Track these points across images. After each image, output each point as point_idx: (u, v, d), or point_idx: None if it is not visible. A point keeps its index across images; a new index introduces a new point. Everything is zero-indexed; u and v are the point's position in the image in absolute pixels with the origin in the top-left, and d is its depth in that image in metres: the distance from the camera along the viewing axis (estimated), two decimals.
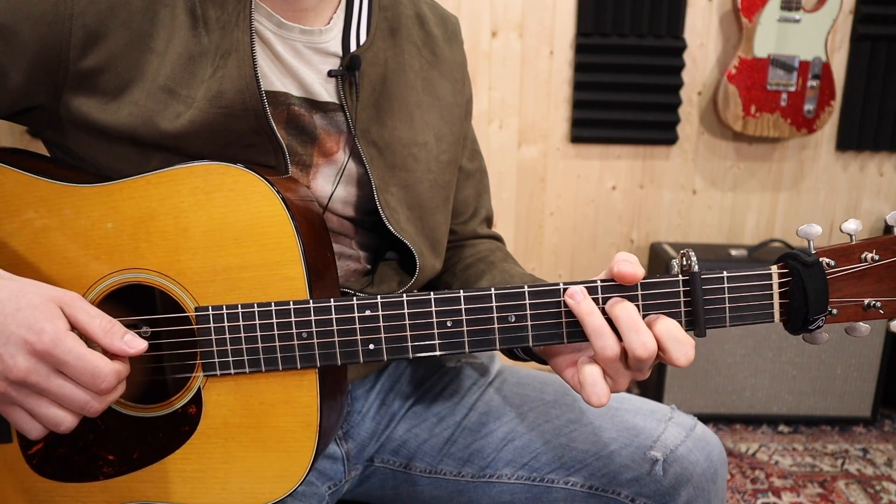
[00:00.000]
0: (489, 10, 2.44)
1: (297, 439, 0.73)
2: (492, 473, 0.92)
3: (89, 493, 0.76)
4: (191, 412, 0.74)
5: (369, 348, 0.71)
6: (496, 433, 0.93)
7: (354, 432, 0.96)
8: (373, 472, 0.98)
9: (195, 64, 0.74)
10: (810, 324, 0.70)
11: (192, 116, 0.74)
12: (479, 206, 1.05)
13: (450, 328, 0.71)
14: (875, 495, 2.04)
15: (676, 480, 0.85)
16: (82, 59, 0.72)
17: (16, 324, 0.60)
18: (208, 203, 0.71)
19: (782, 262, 0.70)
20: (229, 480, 0.74)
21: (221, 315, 0.71)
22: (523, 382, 0.98)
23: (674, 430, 0.89)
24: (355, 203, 0.88)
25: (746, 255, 2.37)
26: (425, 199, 0.90)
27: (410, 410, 0.97)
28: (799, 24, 2.33)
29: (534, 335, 0.70)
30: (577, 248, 2.67)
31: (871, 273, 0.70)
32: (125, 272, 0.72)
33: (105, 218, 0.72)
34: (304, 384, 0.72)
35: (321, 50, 0.83)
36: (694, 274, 0.68)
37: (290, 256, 0.71)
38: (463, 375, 1.00)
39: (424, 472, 0.95)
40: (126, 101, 0.73)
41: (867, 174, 2.63)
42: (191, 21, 0.75)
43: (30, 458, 0.76)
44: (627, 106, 2.49)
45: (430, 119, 0.92)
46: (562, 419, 0.92)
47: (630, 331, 0.66)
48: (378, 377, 0.99)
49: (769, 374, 2.33)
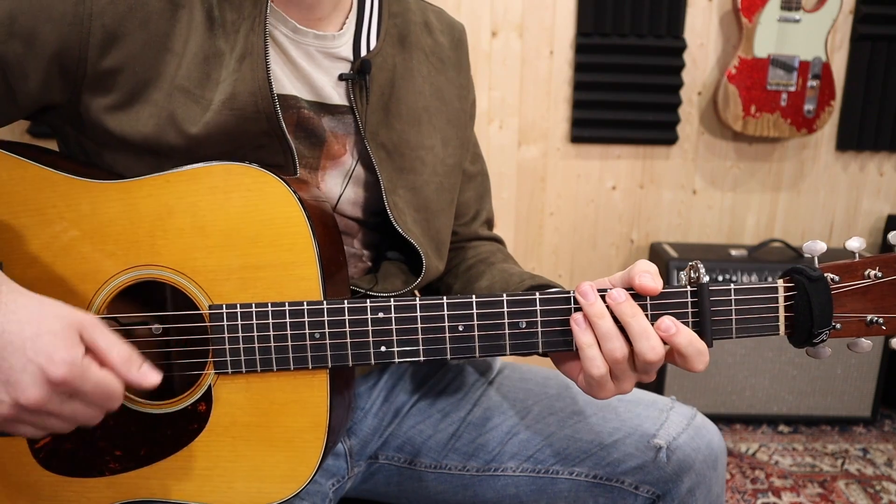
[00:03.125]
0: (489, 10, 2.44)
1: (306, 439, 0.73)
2: (497, 467, 0.93)
3: (95, 489, 0.76)
4: (200, 410, 0.74)
5: (381, 350, 0.72)
6: (500, 427, 0.94)
7: (357, 428, 0.96)
8: (377, 468, 0.98)
9: (210, 65, 0.76)
10: (815, 337, 0.71)
11: (207, 119, 0.75)
12: (481, 208, 1.06)
13: (461, 332, 0.71)
14: (875, 495, 2.04)
15: (679, 468, 0.88)
16: (101, 59, 0.73)
17: (34, 350, 0.60)
18: (226, 202, 0.71)
19: (788, 277, 0.72)
20: (236, 479, 0.74)
21: (235, 314, 0.71)
22: (526, 378, 0.99)
23: (675, 419, 0.91)
24: (363, 204, 0.90)
25: (746, 255, 2.37)
26: (431, 201, 0.91)
27: (415, 407, 0.98)
28: (799, 24, 2.33)
29: (544, 342, 0.72)
30: (577, 248, 2.67)
31: (874, 290, 0.71)
32: (141, 268, 0.73)
33: (123, 214, 0.73)
34: (314, 384, 0.73)
35: (333, 54, 0.85)
36: (703, 285, 0.70)
37: (306, 258, 0.71)
38: (466, 372, 1.01)
39: (429, 468, 0.96)
40: (146, 102, 0.74)
41: (867, 174, 2.63)
42: (208, 23, 0.76)
43: (36, 451, 0.76)
44: (627, 106, 2.49)
45: (437, 123, 0.93)
46: (565, 412, 0.93)
47: (641, 337, 0.68)
48: (382, 374, 1.00)
49: (769, 374, 2.33)
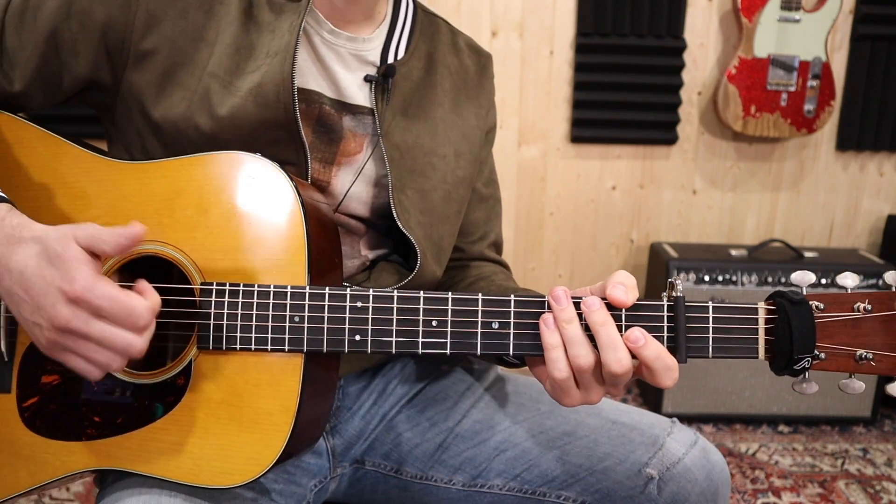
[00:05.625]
0: (489, 10, 2.44)
1: (274, 423, 0.74)
2: (483, 483, 0.91)
3: (70, 453, 0.78)
4: (178, 383, 0.75)
5: (355, 339, 0.73)
6: (489, 442, 0.92)
7: (342, 428, 0.95)
8: (364, 475, 0.97)
9: (240, 55, 0.81)
10: (795, 363, 0.69)
11: (234, 103, 0.79)
12: (489, 230, 1.06)
13: (434, 328, 0.73)
14: (875, 495, 2.04)
15: (672, 499, 0.83)
16: (142, 41, 0.80)
17: (51, 275, 0.64)
18: (230, 187, 0.76)
19: (770, 300, 0.70)
20: (202, 457, 0.75)
21: (224, 290, 0.74)
22: (520, 391, 0.97)
23: (673, 445, 0.86)
24: (370, 203, 0.90)
25: (746, 255, 2.37)
26: (437, 207, 0.92)
27: (402, 412, 0.96)
28: (799, 24, 2.33)
29: (515, 343, 0.72)
30: (577, 248, 2.67)
31: (864, 324, 0.69)
32: (145, 243, 0.76)
33: (137, 192, 0.78)
34: (288, 368, 0.74)
35: (361, 57, 0.89)
36: (678, 299, 0.69)
37: (296, 247, 0.74)
38: (458, 380, 0.99)
39: (415, 478, 0.94)
40: (179, 85, 0.80)
41: (867, 174, 2.63)
42: (243, 18, 0.82)
43: (23, 410, 0.78)
44: (627, 106, 2.49)
45: (452, 136, 0.95)
46: (556, 431, 0.90)
47: (608, 347, 0.67)
48: (373, 376, 0.98)
49: (769, 374, 2.30)
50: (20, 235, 0.67)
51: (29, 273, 0.65)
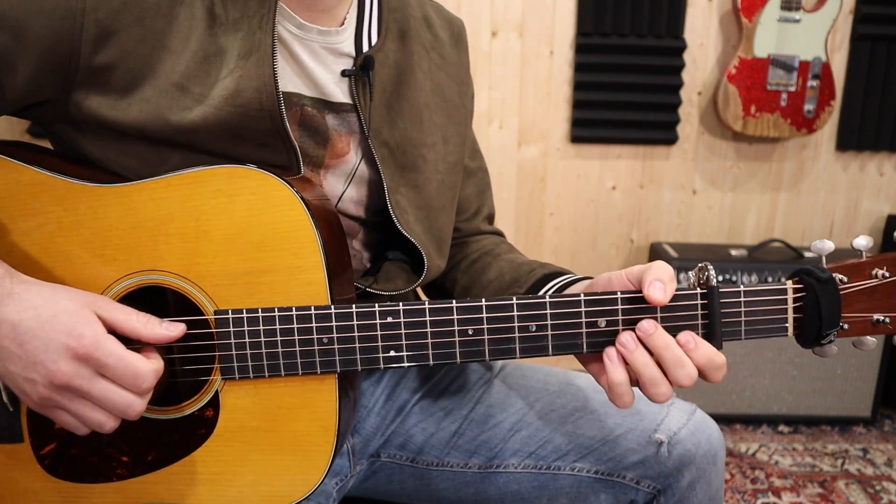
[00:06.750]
0: (489, 10, 2.44)
1: (316, 443, 0.73)
2: (499, 464, 0.93)
3: (102, 495, 0.75)
4: (208, 415, 0.74)
5: (390, 355, 0.71)
6: (503, 424, 0.94)
7: (360, 426, 0.97)
8: (379, 466, 0.98)
9: (210, 63, 0.74)
10: (823, 338, 0.71)
11: (204, 113, 0.73)
12: (482, 203, 1.06)
13: (471, 336, 0.71)
14: (875, 495, 2.04)
15: (680, 462, 0.88)
16: (94, 55, 0.72)
17: (54, 330, 0.61)
18: (230, 206, 0.70)
19: (797, 278, 0.72)
20: (245, 484, 0.74)
21: (241, 319, 0.71)
22: (528, 375, 1.00)
23: (675, 414, 0.92)
24: (366, 203, 0.89)
25: (746, 255, 2.37)
26: (433, 199, 0.91)
27: (417, 405, 0.98)
28: (799, 24, 2.33)
29: (553, 345, 0.72)
30: (577, 248, 2.67)
31: (881, 289, 0.71)
32: (143, 274, 0.72)
33: (123, 219, 0.71)
34: (323, 388, 0.72)
35: (336, 50, 0.84)
36: (712, 288, 0.70)
37: (312, 262, 0.70)
38: (469, 370, 1.01)
39: (432, 465, 0.96)
40: (137, 98, 0.73)
41: (867, 174, 2.63)
42: (209, 20, 0.75)
43: (41, 458, 0.75)
44: (627, 106, 2.49)
45: (438, 120, 0.93)
46: (567, 408, 0.94)
47: (676, 367, 0.69)
48: (385, 372, 1.00)
49: (769, 374, 2.32)
50: (9, 289, 0.64)
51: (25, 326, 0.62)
